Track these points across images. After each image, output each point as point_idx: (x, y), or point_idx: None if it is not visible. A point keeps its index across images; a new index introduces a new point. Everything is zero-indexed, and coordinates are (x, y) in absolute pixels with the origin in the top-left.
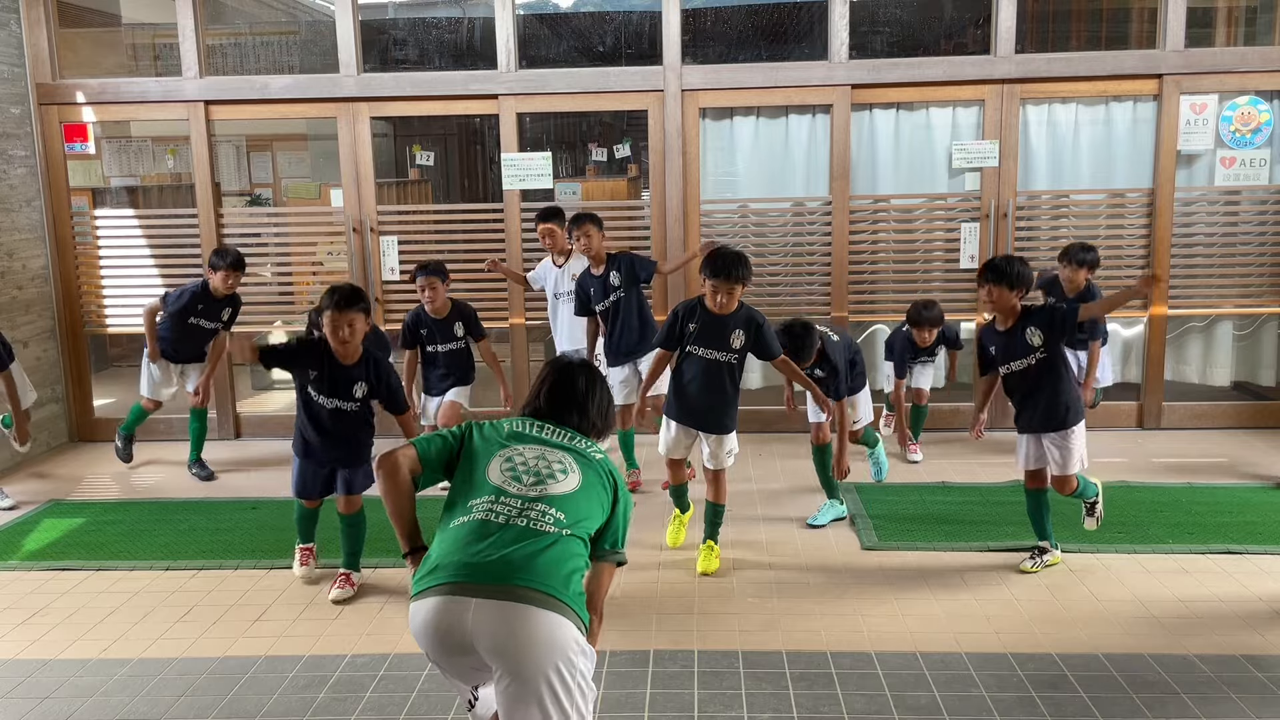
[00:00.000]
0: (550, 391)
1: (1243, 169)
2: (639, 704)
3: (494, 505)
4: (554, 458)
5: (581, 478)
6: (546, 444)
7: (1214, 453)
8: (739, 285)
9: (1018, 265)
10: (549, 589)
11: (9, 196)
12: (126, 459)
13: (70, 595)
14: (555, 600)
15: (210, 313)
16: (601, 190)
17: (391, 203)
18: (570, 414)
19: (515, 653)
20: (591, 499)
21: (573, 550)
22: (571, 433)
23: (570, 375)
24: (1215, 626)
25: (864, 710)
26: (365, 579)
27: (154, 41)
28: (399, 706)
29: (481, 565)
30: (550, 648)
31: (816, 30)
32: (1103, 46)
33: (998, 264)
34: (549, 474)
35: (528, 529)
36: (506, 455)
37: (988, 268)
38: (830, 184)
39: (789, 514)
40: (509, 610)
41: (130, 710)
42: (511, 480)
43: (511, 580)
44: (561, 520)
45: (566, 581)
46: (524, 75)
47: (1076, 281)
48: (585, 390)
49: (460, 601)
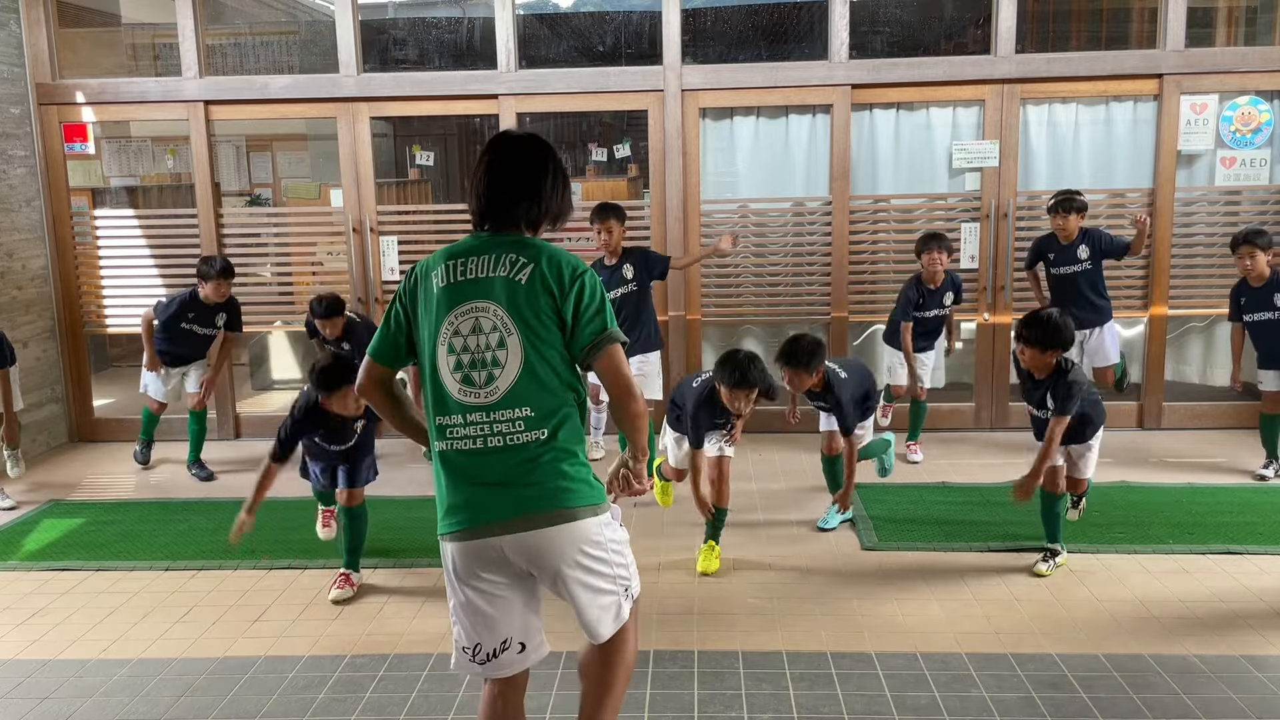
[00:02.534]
0: (495, 181)
1: (1243, 169)
2: (639, 704)
3: (464, 429)
4: (487, 324)
5: (520, 338)
6: (474, 296)
7: (1214, 453)
8: (757, 390)
9: (1056, 322)
10: (553, 504)
11: (9, 196)
12: (144, 462)
13: (70, 595)
14: (562, 510)
15: (203, 319)
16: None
17: (391, 203)
18: (519, 204)
19: (543, 561)
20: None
21: (557, 444)
22: (500, 252)
23: (512, 150)
24: (1215, 626)
25: (864, 710)
26: (365, 579)
27: (154, 41)
28: (399, 706)
29: (483, 502)
30: (572, 548)
31: (816, 30)
32: (1103, 46)
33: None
34: (493, 359)
35: (505, 447)
36: (446, 341)
37: (1026, 327)
38: (830, 184)
39: (789, 514)
40: (525, 538)
41: (130, 710)
42: (465, 386)
43: (516, 512)
44: (531, 418)
45: (563, 481)
46: (524, 75)
47: (1069, 229)
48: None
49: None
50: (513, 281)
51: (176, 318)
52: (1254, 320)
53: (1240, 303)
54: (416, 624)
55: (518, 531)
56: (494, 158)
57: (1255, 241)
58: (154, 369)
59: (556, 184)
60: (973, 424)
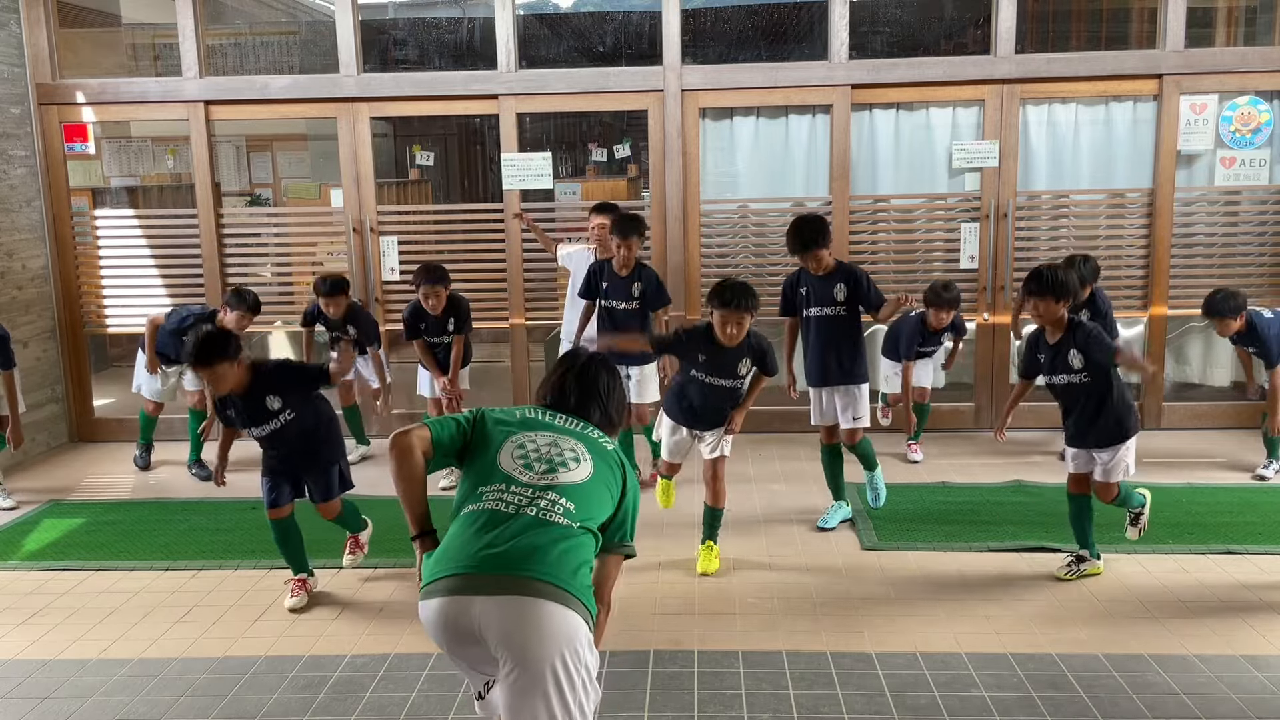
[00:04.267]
0: (570, 384)
1: (1243, 169)
2: (639, 704)
3: (504, 494)
4: (566, 445)
5: (593, 467)
6: (559, 431)
7: (1214, 453)
8: (748, 315)
9: (1060, 274)
10: (557, 580)
11: (9, 196)
12: (144, 467)
13: (70, 595)
14: (563, 592)
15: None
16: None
17: (391, 203)
18: (590, 408)
19: (522, 642)
20: (602, 489)
21: (582, 543)
22: (584, 423)
23: (591, 369)
24: (1215, 626)
25: (864, 710)
26: (365, 579)
27: (154, 41)
28: (399, 706)
29: (490, 556)
30: (556, 639)
31: (816, 30)
32: (1103, 46)
33: (1041, 276)
34: (560, 462)
35: (537, 519)
36: (519, 441)
37: (1031, 280)
38: (830, 184)
39: (789, 514)
40: (516, 602)
41: (130, 710)
42: (523, 468)
43: (519, 571)
44: (571, 511)
45: (575, 574)
46: (524, 75)
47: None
48: (606, 386)
49: (468, 592)
50: (598, 441)
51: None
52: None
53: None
54: (416, 624)
55: (506, 594)
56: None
57: (1221, 314)
58: (153, 370)
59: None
60: (973, 424)
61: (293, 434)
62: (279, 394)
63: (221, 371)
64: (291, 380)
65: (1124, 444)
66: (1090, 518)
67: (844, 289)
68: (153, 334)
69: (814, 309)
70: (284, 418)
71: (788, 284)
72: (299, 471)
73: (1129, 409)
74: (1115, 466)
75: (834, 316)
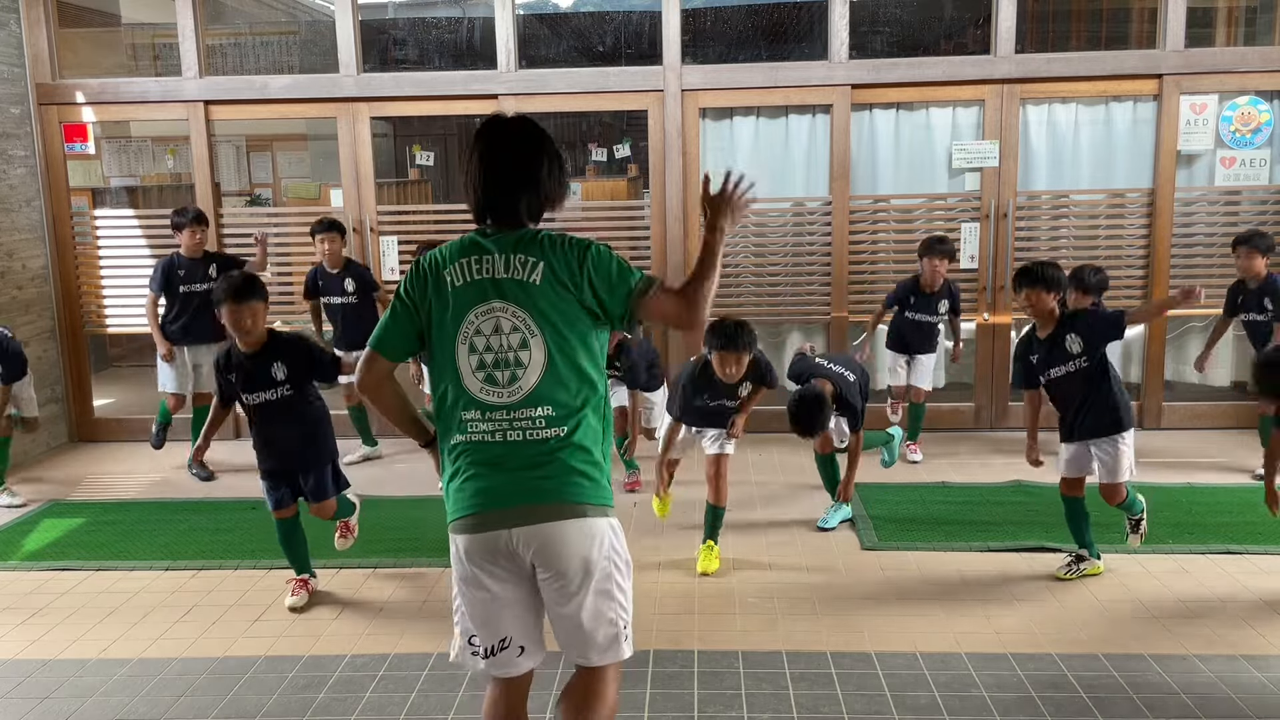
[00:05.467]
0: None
1: (1243, 169)
2: (639, 704)
3: (483, 424)
4: (508, 325)
5: (543, 338)
6: (492, 296)
7: (1214, 453)
8: (747, 353)
9: (1049, 268)
10: (566, 496)
11: (9, 196)
12: (158, 445)
13: (70, 595)
14: (575, 505)
15: (194, 275)
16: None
17: (391, 203)
18: (519, 198)
19: (551, 556)
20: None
21: (577, 435)
22: (510, 251)
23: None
24: (1215, 626)
25: (864, 710)
26: (365, 579)
27: (154, 41)
28: (399, 706)
29: (497, 492)
30: (580, 545)
31: (816, 30)
32: (1103, 46)
33: (1030, 268)
34: (515, 360)
35: (524, 441)
36: (468, 341)
37: (1020, 273)
38: (830, 184)
39: (789, 514)
40: (536, 530)
41: (130, 710)
42: (488, 385)
43: (529, 500)
44: (551, 416)
45: (578, 479)
46: (524, 75)
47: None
48: (530, 157)
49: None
50: (527, 284)
51: (170, 280)
52: (1247, 319)
53: (1237, 300)
54: (416, 624)
55: (527, 524)
56: (486, 148)
57: (1255, 244)
58: (169, 358)
59: (553, 169)
60: (973, 424)
61: (282, 414)
62: (287, 364)
63: (254, 308)
64: (303, 355)
65: (1121, 437)
66: (1086, 519)
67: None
68: (153, 314)
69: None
70: (281, 391)
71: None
72: (293, 470)
73: (1125, 403)
74: (1118, 465)
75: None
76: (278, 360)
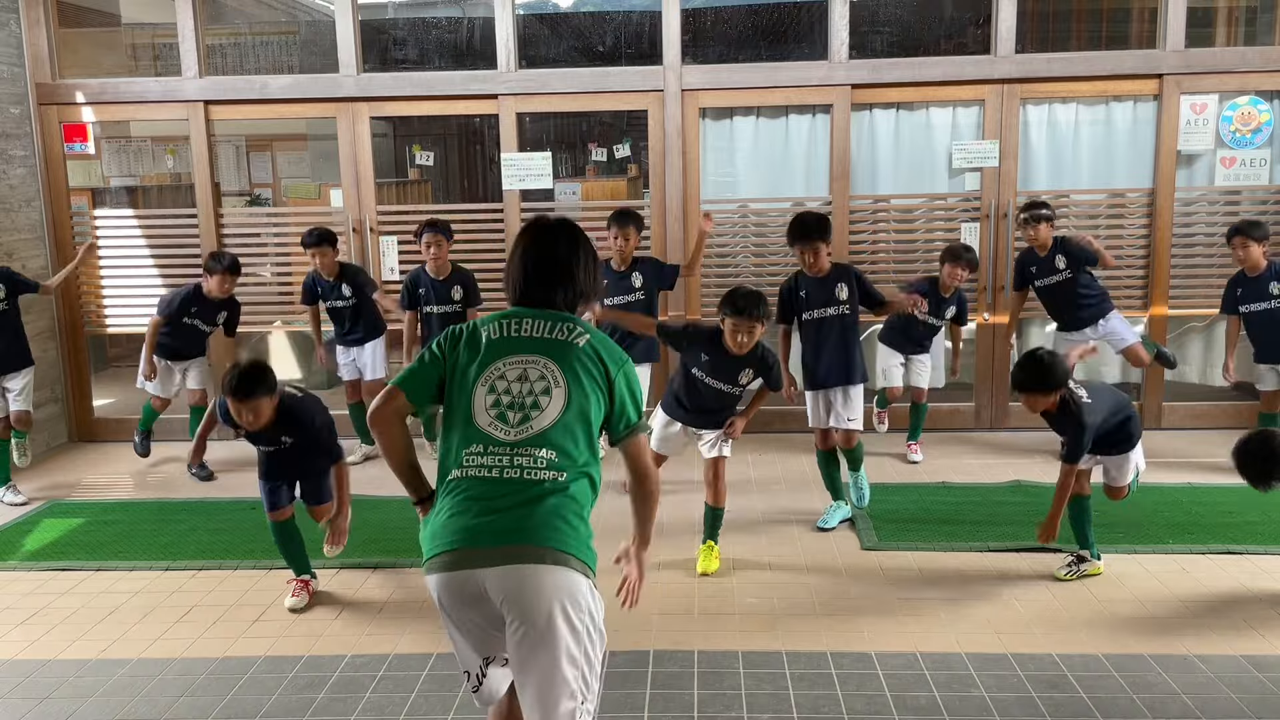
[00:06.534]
0: (532, 270)
1: (1243, 169)
2: (639, 704)
3: (484, 458)
4: (535, 373)
5: (567, 389)
6: (525, 348)
7: (1214, 453)
8: (760, 324)
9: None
10: (550, 541)
11: (9, 196)
12: (144, 454)
13: (70, 595)
14: (558, 552)
15: (205, 315)
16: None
17: (391, 203)
18: (556, 290)
19: (524, 604)
20: (584, 407)
21: (571, 492)
22: (551, 320)
23: (549, 241)
24: (1215, 626)
25: (864, 710)
26: (365, 579)
27: (154, 41)
28: (399, 706)
29: (480, 528)
30: (558, 596)
31: (816, 30)
32: (1103, 46)
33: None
34: (533, 404)
35: (520, 480)
36: (489, 383)
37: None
38: (830, 184)
39: (789, 514)
40: (513, 571)
41: (130, 710)
42: (498, 422)
43: (512, 540)
44: (555, 460)
45: (567, 529)
46: (524, 75)
47: (1041, 240)
48: (568, 255)
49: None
50: (567, 343)
51: (180, 312)
52: (1250, 311)
53: (1237, 294)
54: (416, 624)
55: (503, 564)
56: (528, 247)
57: (1249, 233)
58: (150, 378)
59: (589, 271)
60: (973, 424)
61: (288, 459)
62: (295, 438)
63: (260, 405)
64: (312, 435)
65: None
66: (1089, 518)
67: (845, 288)
68: (153, 338)
69: (814, 311)
70: (288, 442)
71: (785, 289)
72: (295, 475)
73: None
74: (1125, 473)
75: (836, 316)
76: (285, 434)
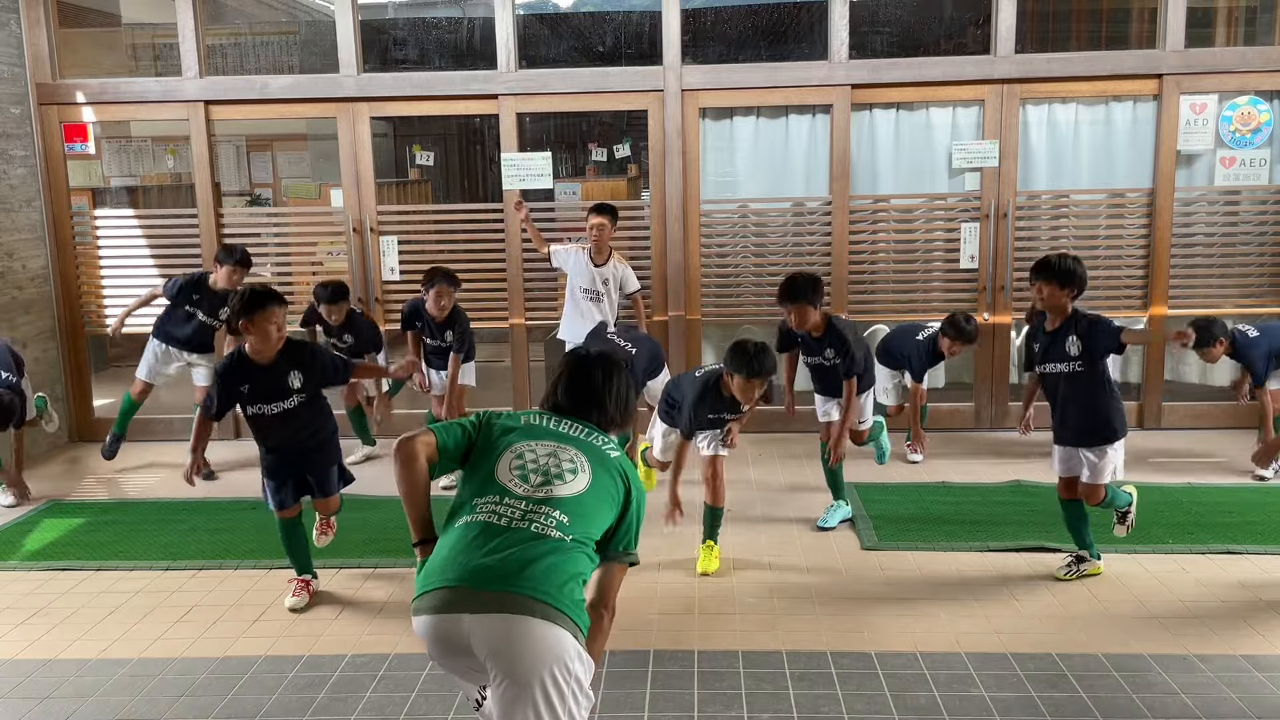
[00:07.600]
0: (567, 387)
1: (1243, 169)
2: (639, 704)
3: (498, 506)
4: (565, 456)
5: (592, 478)
6: (560, 439)
7: (1214, 453)
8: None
9: (1069, 262)
10: (544, 596)
11: (9, 196)
12: (110, 456)
13: (70, 595)
14: (549, 608)
15: (206, 306)
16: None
17: (391, 203)
18: (589, 410)
19: (510, 658)
20: (601, 500)
21: (573, 556)
22: (589, 428)
23: (586, 369)
24: (1215, 626)
25: (864, 710)
26: (365, 579)
27: (154, 41)
28: (399, 706)
29: (479, 570)
30: (545, 653)
31: (816, 30)
32: (1103, 46)
33: (1049, 261)
34: (558, 474)
35: (529, 532)
36: (518, 451)
37: (1038, 265)
38: (830, 184)
39: (789, 514)
40: (503, 619)
41: (130, 710)
42: (519, 480)
43: (507, 587)
44: (565, 524)
45: (563, 589)
46: (524, 75)
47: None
48: (602, 384)
49: (456, 609)
50: (601, 450)
51: (181, 297)
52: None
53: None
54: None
55: (493, 611)
56: (568, 375)
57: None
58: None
59: (619, 402)
60: (973, 424)
61: (295, 424)
62: (304, 371)
63: (274, 316)
64: (320, 362)
65: (1112, 446)
66: (1086, 520)
67: (833, 353)
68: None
69: (810, 358)
70: (297, 399)
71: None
72: (308, 470)
73: (1119, 415)
74: (1103, 469)
75: (830, 367)
76: (294, 369)
